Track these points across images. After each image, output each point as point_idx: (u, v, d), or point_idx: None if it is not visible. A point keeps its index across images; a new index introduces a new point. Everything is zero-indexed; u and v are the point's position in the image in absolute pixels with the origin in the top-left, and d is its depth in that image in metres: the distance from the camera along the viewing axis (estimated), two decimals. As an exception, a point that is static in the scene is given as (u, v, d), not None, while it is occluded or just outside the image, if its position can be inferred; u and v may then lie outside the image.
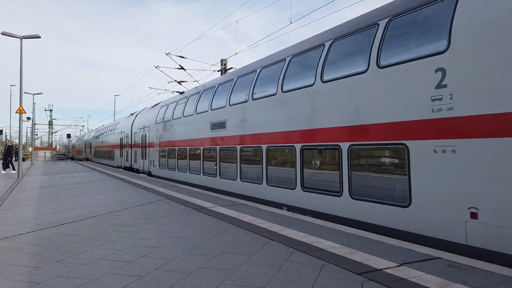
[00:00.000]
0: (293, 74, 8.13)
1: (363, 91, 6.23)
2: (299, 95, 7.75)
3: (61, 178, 17.45)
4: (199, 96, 13.33)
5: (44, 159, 47.57)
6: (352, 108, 6.46)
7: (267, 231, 5.56)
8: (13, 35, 17.98)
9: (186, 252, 4.59)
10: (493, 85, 4.40)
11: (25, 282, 3.70)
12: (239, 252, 4.54)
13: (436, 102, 4.98)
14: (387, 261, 4.02)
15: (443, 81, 4.90)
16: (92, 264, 4.23)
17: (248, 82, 9.91)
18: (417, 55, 5.31)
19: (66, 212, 7.82)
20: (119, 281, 3.66)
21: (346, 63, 6.76)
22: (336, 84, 6.81)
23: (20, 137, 19.95)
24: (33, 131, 51.32)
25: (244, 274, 3.78)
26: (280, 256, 4.32)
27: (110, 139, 30.49)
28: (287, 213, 7.09)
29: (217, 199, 9.12)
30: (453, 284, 3.35)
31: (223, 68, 20.02)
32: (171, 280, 3.65)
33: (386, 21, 6.04)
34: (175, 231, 5.75)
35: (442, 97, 4.91)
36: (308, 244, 4.80)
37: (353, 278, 3.56)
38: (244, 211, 7.36)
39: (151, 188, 11.86)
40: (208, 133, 11.93)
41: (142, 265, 4.13)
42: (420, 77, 5.21)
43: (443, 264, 3.91)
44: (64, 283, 3.64)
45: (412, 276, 3.55)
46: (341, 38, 7.00)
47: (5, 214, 7.85)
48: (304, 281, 3.53)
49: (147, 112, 20.52)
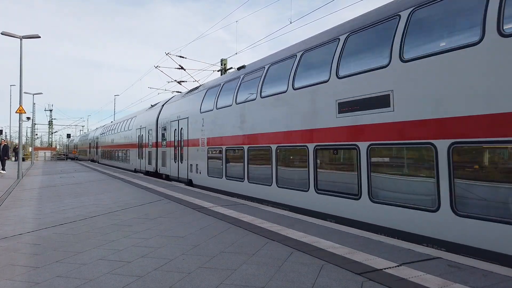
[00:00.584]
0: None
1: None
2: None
3: (61, 178, 17.44)
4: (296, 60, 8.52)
5: (44, 159, 47.56)
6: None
7: (266, 231, 5.56)
8: (13, 35, 17.98)
9: (186, 252, 4.59)
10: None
11: (25, 282, 3.69)
12: (238, 252, 4.53)
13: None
14: (387, 261, 4.02)
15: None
16: (92, 264, 4.22)
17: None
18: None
19: (65, 212, 7.81)
20: (119, 281, 3.66)
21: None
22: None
23: (20, 137, 19.95)
24: (33, 131, 51.37)
25: (244, 274, 3.78)
26: (280, 256, 4.32)
27: (124, 137, 24.74)
28: (287, 213, 7.08)
29: (216, 199, 9.11)
30: (453, 284, 3.35)
31: (223, 68, 20.02)
32: (170, 280, 3.64)
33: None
34: (174, 231, 5.75)
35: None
36: (308, 244, 4.80)
37: (353, 278, 3.55)
38: (243, 211, 7.36)
39: (151, 188, 11.86)
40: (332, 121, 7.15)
41: (142, 265, 4.12)
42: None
43: (443, 264, 3.90)
44: (64, 283, 3.63)
45: (412, 276, 3.54)
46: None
47: (5, 214, 7.84)
48: (304, 281, 3.53)
49: (183, 99, 15.33)
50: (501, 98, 4.43)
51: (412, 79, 5.53)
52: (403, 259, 4.08)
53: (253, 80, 10.04)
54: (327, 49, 7.48)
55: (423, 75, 5.36)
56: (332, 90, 7.06)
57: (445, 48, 5.10)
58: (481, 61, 4.64)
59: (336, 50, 7.13)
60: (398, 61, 5.74)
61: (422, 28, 5.56)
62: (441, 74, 5.11)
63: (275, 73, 9.22)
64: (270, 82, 9.31)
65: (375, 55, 6.29)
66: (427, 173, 5.25)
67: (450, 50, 5.02)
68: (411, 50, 5.60)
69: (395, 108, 5.76)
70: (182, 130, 14.49)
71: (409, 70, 5.59)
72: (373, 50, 6.40)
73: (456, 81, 4.92)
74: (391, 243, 4.75)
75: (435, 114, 5.17)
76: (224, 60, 20.22)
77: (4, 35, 17.79)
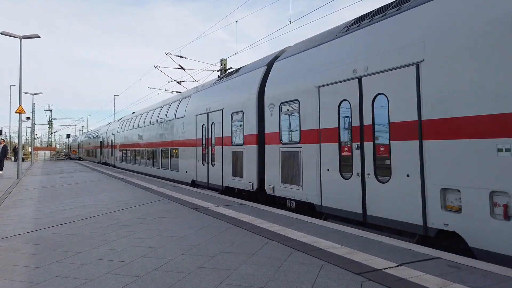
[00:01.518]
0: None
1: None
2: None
3: (60, 178, 17.43)
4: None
5: (43, 159, 47.56)
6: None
7: (266, 231, 5.56)
8: (13, 35, 17.97)
9: (185, 252, 4.59)
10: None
11: (24, 282, 3.69)
12: (238, 252, 4.53)
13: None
14: (387, 261, 4.02)
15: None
16: (91, 264, 4.22)
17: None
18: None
19: (65, 212, 7.81)
20: (118, 281, 3.65)
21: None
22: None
23: (19, 137, 19.94)
24: (32, 131, 51.38)
25: (244, 274, 3.78)
26: (279, 256, 4.32)
27: (168, 130, 16.40)
28: (287, 213, 7.08)
29: (216, 199, 9.11)
30: (453, 284, 3.35)
31: (222, 68, 20.02)
32: (170, 280, 3.64)
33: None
34: (174, 231, 5.75)
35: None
36: (308, 244, 4.80)
37: (352, 278, 3.55)
38: (243, 211, 7.36)
39: (151, 188, 11.85)
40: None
41: (141, 265, 4.12)
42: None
43: (443, 264, 3.90)
44: (63, 283, 3.63)
45: (411, 276, 3.54)
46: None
47: (4, 214, 7.84)
48: (304, 281, 3.53)
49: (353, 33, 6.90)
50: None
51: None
52: (402, 259, 4.08)
53: None
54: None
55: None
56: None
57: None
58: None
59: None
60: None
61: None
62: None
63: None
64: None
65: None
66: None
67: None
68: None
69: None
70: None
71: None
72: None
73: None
74: (390, 243, 4.75)
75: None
76: (224, 60, 20.22)
77: (4, 35, 17.79)
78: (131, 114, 26.30)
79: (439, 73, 5.13)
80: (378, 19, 6.47)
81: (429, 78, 5.27)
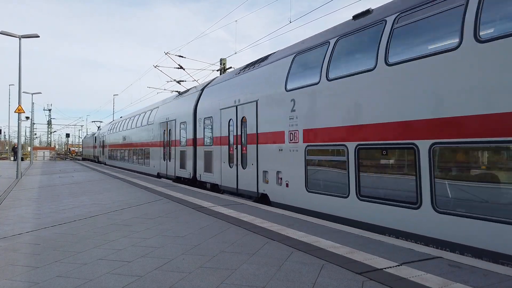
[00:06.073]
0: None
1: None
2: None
3: (60, 177, 17.41)
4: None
5: (43, 159, 47.53)
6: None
7: (267, 231, 5.55)
8: (12, 35, 17.94)
9: (186, 252, 4.58)
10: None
11: (24, 282, 3.68)
12: (239, 252, 4.53)
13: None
14: (388, 260, 4.02)
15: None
16: (91, 264, 4.21)
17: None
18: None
19: (65, 212, 7.80)
20: (119, 281, 3.65)
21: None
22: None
23: (18, 137, 19.91)
24: (32, 130, 51.30)
25: (244, 273, 3.77)
26: (280, 256, 4.31)
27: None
28: (287, 213, 7.08)
29: (216, 199, 9.10)
30: (454, 283, 3.34)
31: (222, 67, 20.00)
32: (170, 280, 3.63)
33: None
34: (174, 231, 5.74)
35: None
36: (308, 243, 4.79)
37: (353, 278, 3.55)
38: (243, 210, 7.35)
39: (151, 188, 11.84)
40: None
41: (142, 265, 4.11)
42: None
43: (444, 263, 3.90)
44: (63, 283, 3.62)
45: (412, 276, 3.54)
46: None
47: (4, 214, 7.82)
48: (304, 281, 3.52)
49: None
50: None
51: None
52: (403, 258, 4.08)
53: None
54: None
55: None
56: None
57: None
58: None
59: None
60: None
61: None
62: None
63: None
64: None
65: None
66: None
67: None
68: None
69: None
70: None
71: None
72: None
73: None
74: (391, 243, 4.75)
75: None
76: (223, 60, 20.20)
77: (3, 35, 17.76)
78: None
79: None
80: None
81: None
